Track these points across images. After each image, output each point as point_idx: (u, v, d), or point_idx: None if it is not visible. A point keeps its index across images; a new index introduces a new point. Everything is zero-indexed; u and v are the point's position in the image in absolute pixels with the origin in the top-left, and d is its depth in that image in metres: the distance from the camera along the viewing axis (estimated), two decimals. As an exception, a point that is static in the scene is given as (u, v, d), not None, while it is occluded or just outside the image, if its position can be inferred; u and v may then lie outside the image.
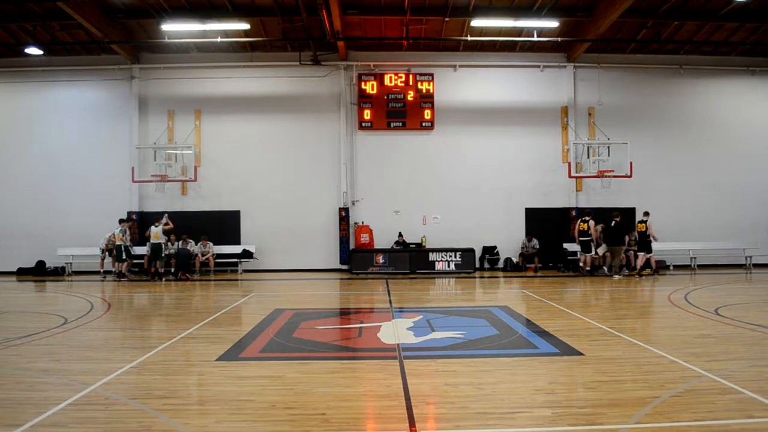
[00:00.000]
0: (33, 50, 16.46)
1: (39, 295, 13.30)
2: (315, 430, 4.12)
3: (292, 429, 4.16)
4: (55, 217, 17.42)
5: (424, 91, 17.81)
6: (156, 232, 15.22)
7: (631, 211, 17.03)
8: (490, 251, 17.70)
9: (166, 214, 15.84)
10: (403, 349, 6.69)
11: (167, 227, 15.48)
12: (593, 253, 15.66)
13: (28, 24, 15.95)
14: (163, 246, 15.47)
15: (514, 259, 17.43)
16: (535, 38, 16.05)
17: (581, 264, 15.80)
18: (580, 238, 15.67)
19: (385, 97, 17.76)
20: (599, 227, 15.61)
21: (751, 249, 17.34)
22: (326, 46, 16.90)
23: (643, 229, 15.30)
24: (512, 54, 18.01)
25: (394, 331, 7.77)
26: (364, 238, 17.27)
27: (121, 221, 16.02)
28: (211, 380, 5.55)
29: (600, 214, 16.17)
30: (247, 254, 17.10)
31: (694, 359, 5.92)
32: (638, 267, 15.31)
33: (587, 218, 15.67)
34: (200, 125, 17.76)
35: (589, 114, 18.06)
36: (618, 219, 15.36)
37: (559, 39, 16.46)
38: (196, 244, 16.38)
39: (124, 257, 15.22)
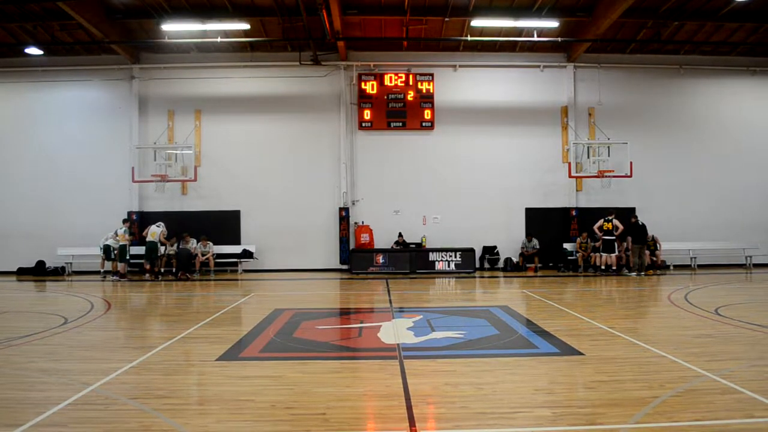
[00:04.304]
0: (33, 50, 16.47)
1: (39, 295, 13.30)
2: (315, 430, 4.11)
3: (292, 429, 4.16)
4: (55, 217, 17.42)
5: (424, 91, 17.81)
6: (153, 231, 15.21)
7: (631, 211, 16.98)
8: (490, 251, 17.70)
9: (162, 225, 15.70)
10: (403, 348, 6.69)
11: (163, 238, 15.46)
12: (617, 252, 15.70)
13: (28, 24, 15.95)
14: (159, 245, 15.43)
15: (514, 259, 17.43)
16: (535, 38, 16.06)
17: (600, 264, 15.81)
18: (604, 237, 15.65)
19: (385, 97, 17.76)
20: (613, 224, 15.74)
21: (751, 249, 17.33)
22: (326, 46, 16.90)
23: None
24: (512, 54, 18.01)
25: (394, 331, 7.76)
26: (364, 238, 17.27)
27: (124, 221, 16.05)
28: (211, 380, 5.55)
29: (600, 215, 16.19)
30: (247, 254, 17.10)
31: (694, 359, 5.92)
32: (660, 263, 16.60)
33: (611, 218, 15.66)
34: (200, 125, 17.76)
35: (589, 114, 18.06)
36: (635, 219, 15.81)
37: (559, 39, 16.46)
38: (197, 244, 16.39)
39: (126, 257, 15.23)
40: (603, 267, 15.79)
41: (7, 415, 4.40)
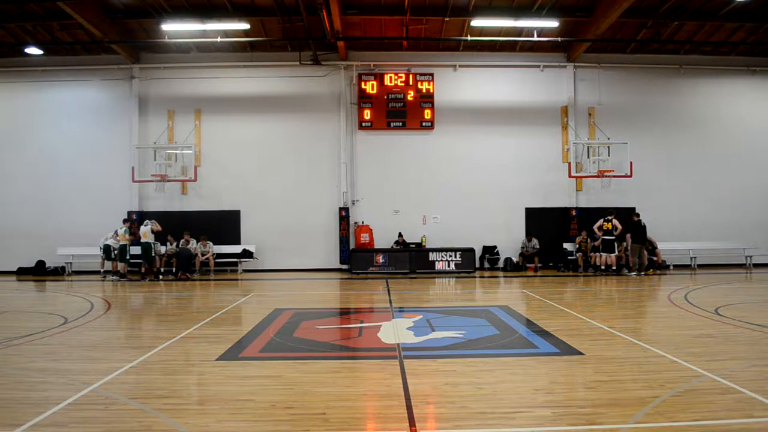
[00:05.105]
0: (33, 50, 16.48)
1: (39, 295, 13.30)
2: (315, 430, 4.11)
3: (292, 429, 4.16)
4: (55, 217, 17.42)
5: (424, 91, 17.81)
6: (144, 231, 15.17)
7: (631, 211, 16.97)
8: (490, 251, 17.70)
9: (153, 220, 15.59)
10: (403, 348, 6.69)
11: (156, 229, 15.40)
12: (617, 252, 15.68)
13: (28, 24, 15.95)
14: (153, 245, 15.37)
15: (514, 259, 17.43)
16: (535, 38, 16.05)
17: (600, 264, 15.78)
18: (604, 237, 15.62)
19: (385, 97, 17.76)
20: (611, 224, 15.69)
21: (751, 249, 17.33)
22: (326, 45, 16.90)
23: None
24: (512, 54, 18.01)
25: (394, 331, 7.76)
26: (364, 237, 17.27)
27: (125, 221, 16.05)
28: (211, 380, 5.55)
29: (600, 214, 16.19)
30: (247, 254, 17.10)
31: (694, 359, 5.92)
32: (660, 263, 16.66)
33: (610, 217, 15.63)
34: (200, 125, 17.76)
35: (589, 114, 18.06)
36: (637, 218, 15.74)
37: (559, 39, 16.45)
38: (197, 244, 16.39)
39: (127, 257, 15.23)
40: (603, 267, 15.78)
41: (7, 415, 4.40)
